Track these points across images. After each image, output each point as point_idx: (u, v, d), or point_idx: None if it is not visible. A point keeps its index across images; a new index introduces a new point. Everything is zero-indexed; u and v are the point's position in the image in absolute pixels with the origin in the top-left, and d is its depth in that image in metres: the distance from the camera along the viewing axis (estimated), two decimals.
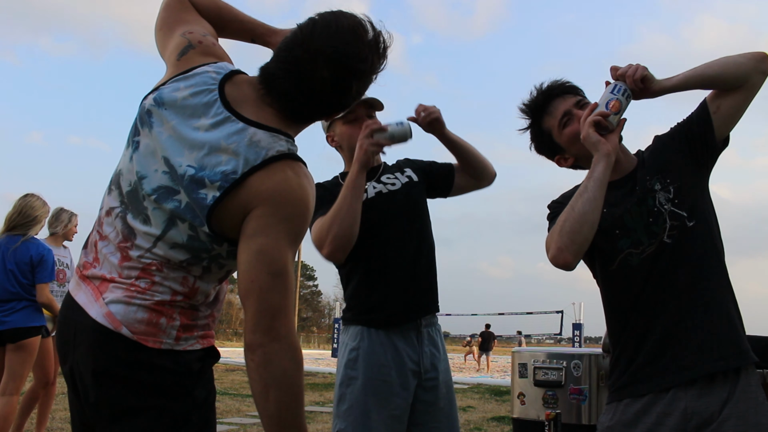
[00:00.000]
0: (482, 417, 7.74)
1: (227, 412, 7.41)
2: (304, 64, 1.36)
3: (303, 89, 1.38)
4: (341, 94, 1.41)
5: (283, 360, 1.26)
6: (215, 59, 1.46)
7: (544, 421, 2.97)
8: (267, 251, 1.29)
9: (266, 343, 1.25)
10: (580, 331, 28.35)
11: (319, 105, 1.43)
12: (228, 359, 20.70)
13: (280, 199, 1.31)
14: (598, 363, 3.11)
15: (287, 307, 1.29)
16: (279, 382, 1.25)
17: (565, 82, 1.85)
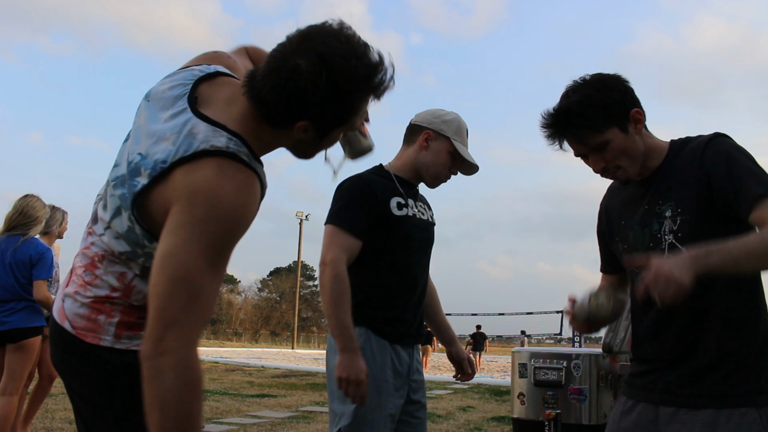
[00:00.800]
0: (482, 417, 7.74)
1: (227, 412, 7.40)
2: (284, 54, 1.24)
3: (273, 79, 1.24)
4: (315, 87, 1.22)
5: (169, 379, 1.12)
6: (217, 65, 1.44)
7: (544, 421, 2.97)
8: (172, 253, 1.16)
9: (153, 357, 1.13)
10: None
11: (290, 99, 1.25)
12: (228, 359, 20.70)
13: (197, 197, 1.18)
14: (598, 363, 3.10)
15: (187, 320, 1.15)
16: (162, 403, 1.12)
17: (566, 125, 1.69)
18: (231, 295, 73.20)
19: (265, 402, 8.74)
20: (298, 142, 1.36)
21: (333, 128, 1.34)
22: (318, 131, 1.32)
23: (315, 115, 1.28)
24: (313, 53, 1.23)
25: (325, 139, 1.36)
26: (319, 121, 1.30)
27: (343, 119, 1.32)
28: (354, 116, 1.33)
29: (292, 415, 7.38)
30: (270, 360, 21.68)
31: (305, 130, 1.31)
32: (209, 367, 16.72)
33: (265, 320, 70.69)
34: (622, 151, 1.65)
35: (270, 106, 1.28)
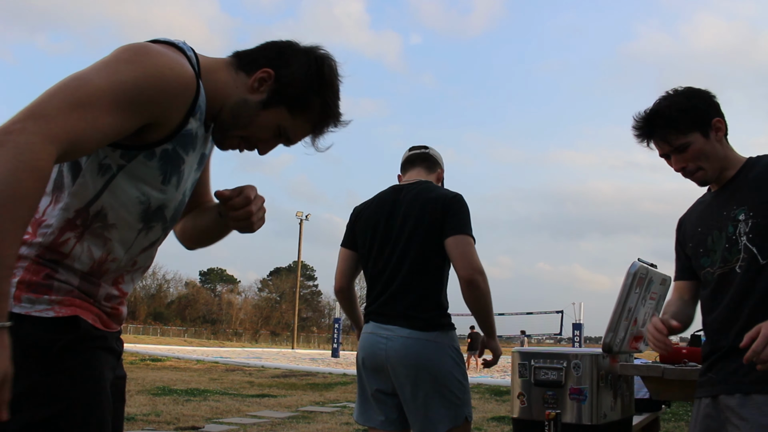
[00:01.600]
0: (482, 417, 7.74)
1: (227, 412, 7.41)
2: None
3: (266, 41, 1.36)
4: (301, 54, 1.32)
5: (7, 152, 0.99)
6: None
7: (544, 421, 2.96)
8: (79, 72, 1.13)
9: (1, 132, 1.01)
10: (580, 331, 28.38)
11: (271, 46, 1.34)
12: (228, 359, 20.71)
13: (125, 46, 1.18)
14: (598, 363, 3.10)
15: (60, 118, 1.05)
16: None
17: (654, 125, 1.89)
18: (231, 295, 73.20)
19: (265, 402, 8.74)
20: (241, 102, 1.30)
21: (282, 101, 1.31)
22: (270, 93, 1.30)
23: (283, 68, 1.30)
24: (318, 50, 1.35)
25: (265, 112, 1.32)
26: (281, 77, 1.30)
27: (296, 100, 1.32)
28: (302, 111, 1.33)
29: (292, 415, 7.38)
30: (270, 360, 21.68)
31: (261, 83, 1.30)
32: (209, 367, 16.72)
33: (265, 320, 70.65)
34: (701, 153, 1.84)
35: (252, 49, 1.34)
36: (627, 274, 3.20)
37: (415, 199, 2.46)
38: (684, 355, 2.94)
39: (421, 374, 2.32)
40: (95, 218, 1.22)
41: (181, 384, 10.86)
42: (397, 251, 2.42)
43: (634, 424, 3.56)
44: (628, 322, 3.27)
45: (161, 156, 1.24)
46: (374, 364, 2.40)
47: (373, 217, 2.52)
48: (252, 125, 1.32)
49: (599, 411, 3.03)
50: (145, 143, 1.21)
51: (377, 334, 2.39)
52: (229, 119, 1.31)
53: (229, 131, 1.33)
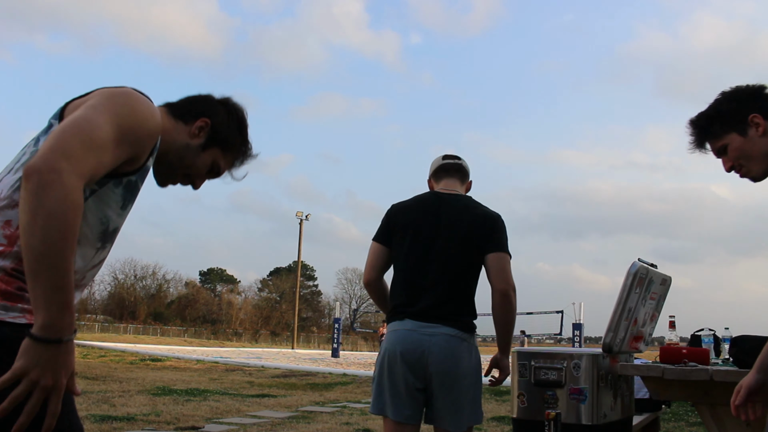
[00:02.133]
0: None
1: (227, 412, 7.41)
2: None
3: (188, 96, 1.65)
4: (221, 103, 1.65)
5: (59, 193, 1.18)
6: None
7: (544, 421, 2.97)
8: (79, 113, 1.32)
9: (44, 171, 1.18)
10: (580, 331, 28.38)
11: (199, 99, 1.63)
12: (228, 359, 20.70)
13: (107, 90, 1.41)
14: (598, 363, 3.10)
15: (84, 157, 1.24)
16: (48, 215, 1.17)
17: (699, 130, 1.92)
18: (231, 295, 73.16)
19: (265, 402, 8.74)
20: (185, 146, 1.58)
21: (216, 143, 1.61)
22: (207, 138, 1.60)
23: (214, 117, 1.61)
24: (231, 100, 1.69)
25: (204, 153, 1.60)
26: (215, 124, 1.60)
27: (227, 141, 1.63)
28: (230, 149, 1.65)
29: (292, 415, 7.38)
30: (270, 360, 21.67)
31: (200, 130, 1.59)
32: (209, 367, 16.72)
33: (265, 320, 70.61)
34: (741, 152, 1.85)
35: (181, 102, 1.63)
36: (627, 274, 3.20)
37: (462, 213, 2.68)
38: (684, 355, 2.95)
39: (460, 371, 2.52)
40: None
41: (181, 384, 10.86)
42: (444, 259, 2.61)
43: (634, 424, 3.56)
44: (628, 322, 3.27)
45: (126, 185, 1.44)
46: (414, 358, 2.52)
47: (417, 221, 2.68)
48: (194, 165, 1.61)
49: (599, 411, 3.03)
50: (117, 173, 1.40)
51: (419, 332, 2.53)
52: (176, 161, 1.58)
53: (176, 171, 1.60)
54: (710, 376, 2.70)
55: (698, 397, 2.82)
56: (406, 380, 2.52)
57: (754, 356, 2.75)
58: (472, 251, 2.62)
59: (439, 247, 2.62)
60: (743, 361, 2.79)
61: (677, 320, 3.42)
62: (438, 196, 2.75)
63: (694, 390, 2.82)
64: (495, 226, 2.67)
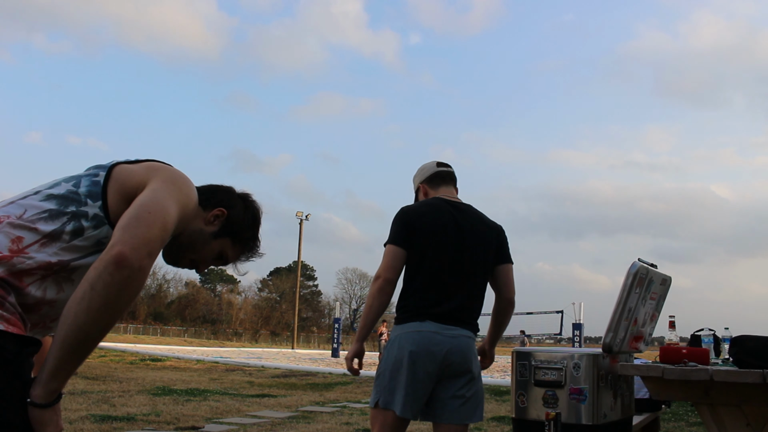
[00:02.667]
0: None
1: (227, 412, 7.41)
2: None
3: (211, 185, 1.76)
4: (239, 199, 1.73)
5: (135, 285, 1.31)
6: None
7: (544, 421, 2.97)
8: (150, 196, 1.42)
9: (137, 269, 1.29)
10: (580, 331, 28.39)
11: (219, 190, 1.72)
12: (228, 359, 20.71)
13: (161, 169, 1.52)
14: (598, 363, 3.10)
15: (157, 243, 1.36)
16: (121, 302, 1.29)
17: None
18: (231, 295, 73.16)
19: (265, 402, 8.74)
20: (198, 232, 1.64)
21: (227, 234, 1.67)
22: (220, 228, 1.66)
23: (231, 208, 1.68)
24: (249, 196, 1.78)
25: (214, 242, 1.66)
26: (231, 216, 1.67)
27: (239, 234, 1.69)
28: (240, 242, 1.71)
29: (292, 415, 7.38)
30: (270, 360, 21.68)
31: (216, 218, 1.66)
32: (209, 367, 16.72)
33: (265, 320, 70.62)
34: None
35: (203, 188, 1.70)
36: (627, 274, 3.20)
37: (479, 223, 2.84)
38: (684, 355, 2.94)
39: (475, 370, 2.73)
40: (69, 272, 1.41)
41: (181, 384, 10.86)
42: (467, 267, 2.75)
43: (634, 424, 3.56)
44: (628, 322, 3.27)
45: None
46: (437, 359, 2.63)
47: (440, 227, 2.75)
48: (203, 251, 1.67)
49: (599, 411, 3.03)
50: None
51: (442, 333, 2.65)
52: (187, 244, 1.64)
53: (184, 253, 1.66)
54: (710, 376, 2.70)
55: (698, 397, 2.82)
56: (425, 380, 2.62)
57: (754, 356, 2.75)
58: (489, 260, 2.82)
59: (463, 255, 2.73)
60: (743, 361, 2.79)
61: (677, 320, 3.42)
62: (451, 204, 2.83)
63: (694, 390, 2.82)
64: (505, 237, 2.91)
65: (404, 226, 2.74)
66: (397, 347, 2.65)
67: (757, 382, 2.62)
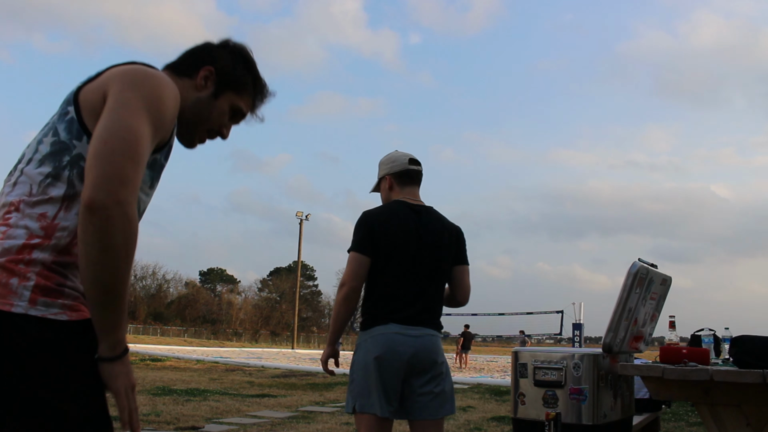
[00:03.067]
0: (482, 417, 7.74)
1: (227, 412, 7.41)
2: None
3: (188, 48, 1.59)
4: (221, 47, 1.57)
5: (121, 227, 1.20)
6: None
7: (544, 421, 2.97)
8: (114, 117, 1.27)
9: (110, 206, 1.19)
10: (580, 331, 28.39)
11: (198, 49, 1.56)
12: (228, 359, 20.70)
13: (128, 73, 1.34)
14: (598, 363, 3.10)
15: (134, 178, 1.25)
16: (115, 251, 1.21)
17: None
18: (231, 295, 73.16)
19: (265, 402, 8.74)
20: (196, 101, 1.51)
21: (227, 87, 1.54)
22: (216, 85, 1.53)
23: (217, 62, 1.53)
24: (231, 41, 1.60)
25: (218, 101, 1.54)
26: (219, 69, 1.53)
27: (237, 82, 1.56)
28: (244, 89, 1.57)
29: (292, 415, 7.38)
30: (270, 360, 21.68)
31: (206, 79, 1.52)
32: (209, 367, 16.72)
33: (265, 320, 70.62)
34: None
35: (181, 58, 1.56)
36: (627, 274, 3.20)
37: (439, 227, 2.87)
38: (684, 355, 2.94)
39: (443, 367, 2.76)
40: None
41: (181, 384, 10.86)
42: (429, 271, 2.80)
43: (634, 424, 3.56)
44: (628, 322, 3.27)
45: (151, 164, 1.39)
46: (404, 359, 2.68)
47: (401, 234, 2.77)
48: (212, 115, 1.55)
49: (599, 411, 3.03)
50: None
51: (404, 334, 2.70)
52: (194, 118, 1.52)
53: (197, 128, 1.55)
54: (710, 376, 2.70)
55: (698, 397, 2.82)
56: (393, 380, 2.68)
57: (754, 356, 2.75)
58: (449, 262, 2.88)
59: (424, 260, 2.78)
60: (743, 361, 2.79)
61: (677, 320, 3.42)
62: (412, 209, 2.85)
63: (694, 390, 2.82)
64: (463, 239, 2.97)
65: (368, 234, 2.75)
66: (363, 352, 2.72)
67: (757, 382, 2.62)
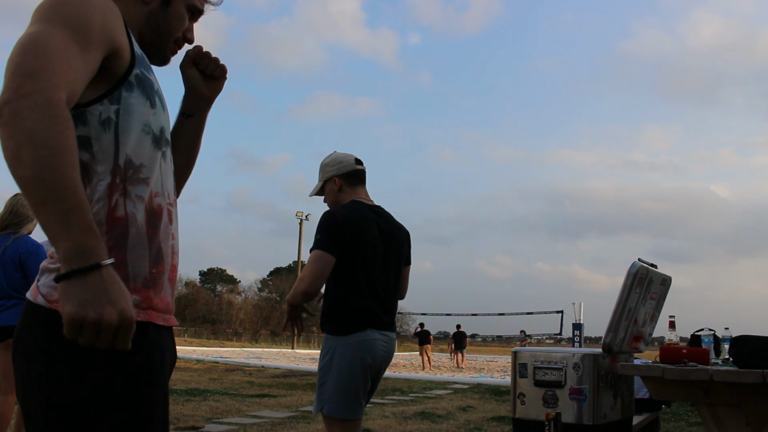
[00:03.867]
0: (482, 417, 7.74)
1: (227, 412, 7.41)
2: None
3: None
4: None
5: (35, 114, 1.04)
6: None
7: (544, 421, 2.97)
8: (27, 31, 1.15)
9: (12, 100, 1.04)
10: (580, 331, 28.40)
11: None
12: (228, 359, 20.71)
13: (36, 7, 1.20)
14: (598, 363, 3.10)
15: (50, 68, 1.09)
16: (30, 137, 1.03)
17: None
18: (231, 295, 73.17)
19: (265, 402, 8.74)
20: (148, 15, 1.40)
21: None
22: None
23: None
24: None
25: (171, 7, 1.42)
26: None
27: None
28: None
29: (292, 415, 7.38)
30: (270, 360, 21.67)
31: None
32: (209, 367, 16.72)
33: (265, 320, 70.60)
34: None
35: None
36: (627, 274, 3.20)
37: (395, 229, 2.92)
38: (684, 355, 2.95)
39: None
40: (127, 168, 1.26)
41: (181, 384, 10.85)
42: (393, 272, 2.87)
43: (634, 424, 3.56)
44: (628, 322, 3.27)
45: (137, 83, 1.29)
46: (382, 365, 2.79)
47: (367, 238, 2.76)
48: (172, 24, 1.44)
49: (599, 411, 3.03)
50: (117, 77, 1.26)
51: (382, 339, 2.76)
52: (155, 34, 1.42)
53: (163, 42, 1.43)
54: (710, 376, 2.70)
55: (698, 397, 2.82)
56: (368, 383, 2.75)
57: (754, 356, 2.75)
58: (402, 263, 2.97)
59: (388, 261, 2.84)
60: (743, 361, 2.79)
61: (677, 320, 3.42)
62: (372, 210, 2.89)
63: (694, 390, 2.82)
64: (410, 239, 3.05)
65: (336, 235, 2.70)
66: (346, 358, 2.66)
67: (757, 382, 2.62)
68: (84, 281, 1.01)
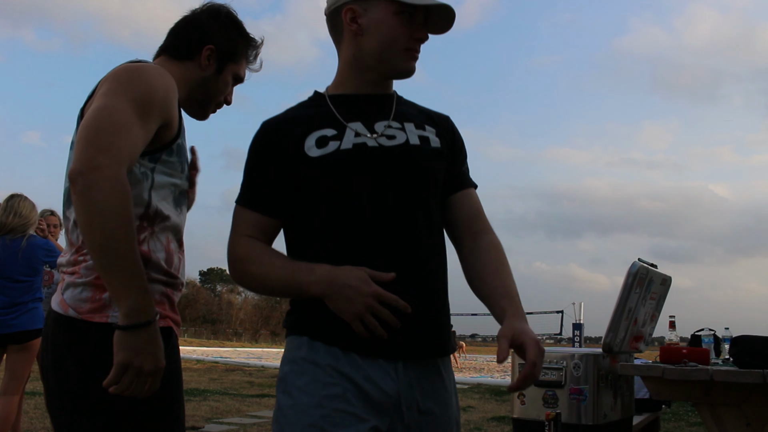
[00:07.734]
0: (482, 417, 7.74)
1: (227, 412, 7.41)
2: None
3: (175, 25, 1.61)
4: (212, 17, 1.59)
5: (105, 188, 1.22)
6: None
7: (544, 421, 2.97)
8: (100, 103, 1.32)
9: (86, 172, 1.22)
10: (580, 331, 28.38)
11: (191, 26, 1.59)
12: (228, 359, 20.70)
13: (118, 71, 1.40)
14: (598, 363, 3.10)
15: (118, 146, 1.26)
16: (102, 210, 1.22)
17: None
18: (231, 295, 73.17)
19: (265, 402, 8.73)
20: (203, 80, 1.57)
21: (228, 60, 1.59)
22: (218, 62, 1.58)
23: (214, 39, 1.57)
24: (210, 4, 1.63)
25: (222, 75, 1.60)
26: (219, 46, 1.57)
27: (235, 52, 1.61)
28: (242, 56, 1.63)
29: None
30: (270, 360, 21.66)
31: (209, 59, 1.57)
32: (209, 367, 16.71)
33: (265, 320, 70.62)
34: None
35: (175, 41, 1.58)
36: (627, 274, 3.20)
37: None
38: (684, 355, 2.95)
39: None
40: (155, 217, 1.44)
41: None
42: None
43: (634, 424, 3.56)
44: (628, 322, 3.27)
45: (177, 151, 1.47)
46: None
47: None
48: (219, 90, 1.62)
49: (599, 411, 3.03)
50: (163, 144, 1.43)
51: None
52: (203, 96, 1.60)
53: (207, 103, 1.62)
54: (710, 376, 2.70)
55: (698, 397, 2.82)
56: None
57: (754, 356, 2.75)
58: None
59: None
60: (743, 361, 2.79)
61: (677, 320, 3.42)
62: None
63: (694, 390, 2.82)
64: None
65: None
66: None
67: (757, 382, 2.62)
68: (137, 334, 1.26)
